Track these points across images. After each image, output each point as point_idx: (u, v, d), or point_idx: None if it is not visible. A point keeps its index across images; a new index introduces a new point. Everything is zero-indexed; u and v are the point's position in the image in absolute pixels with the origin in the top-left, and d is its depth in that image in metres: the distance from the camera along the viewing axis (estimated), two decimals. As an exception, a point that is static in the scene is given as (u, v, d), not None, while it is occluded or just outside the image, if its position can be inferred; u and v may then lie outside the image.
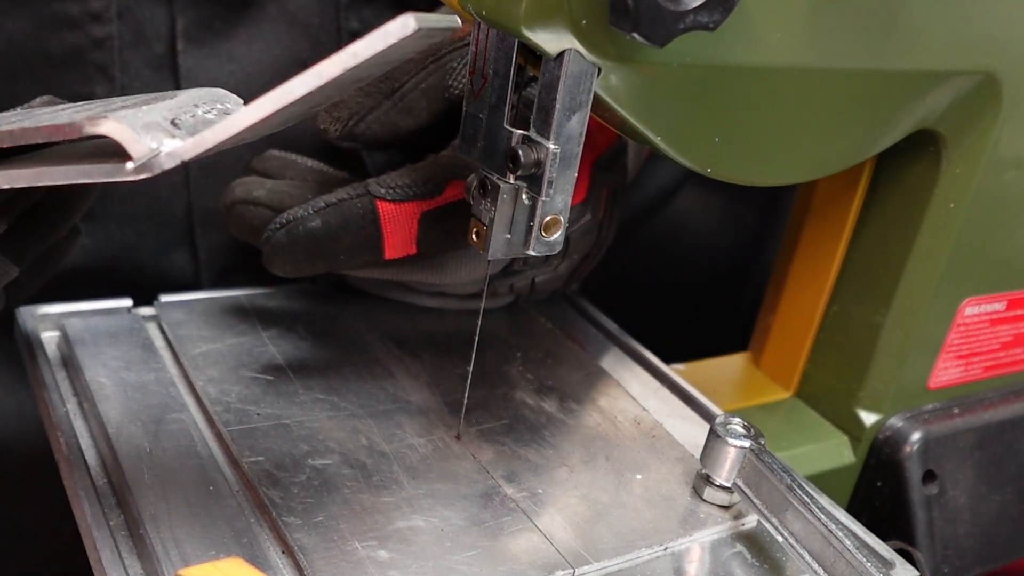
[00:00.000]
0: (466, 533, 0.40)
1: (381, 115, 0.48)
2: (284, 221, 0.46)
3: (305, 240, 0.45)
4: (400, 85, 0.48)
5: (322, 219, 0.45)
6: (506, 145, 0.38)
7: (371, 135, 0.48)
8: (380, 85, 0.48)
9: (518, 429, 0.47)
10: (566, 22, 0.34)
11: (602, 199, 0.52)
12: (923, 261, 0.53)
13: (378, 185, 0.46)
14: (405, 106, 0.48)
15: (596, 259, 0.56)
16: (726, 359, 0.64)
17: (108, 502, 0.40)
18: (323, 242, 0.45)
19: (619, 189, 0.54)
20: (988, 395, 0.60)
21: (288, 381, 0.47)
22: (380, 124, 0.48)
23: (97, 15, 0.52)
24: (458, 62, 0.48)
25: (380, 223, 0.45)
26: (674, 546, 0.41)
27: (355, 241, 0.46)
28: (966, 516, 0.56)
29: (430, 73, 0.48)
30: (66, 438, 0.43)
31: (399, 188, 0.46)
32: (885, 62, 0.42)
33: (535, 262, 0.52)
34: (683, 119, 0.38)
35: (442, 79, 0.48)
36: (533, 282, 0.55)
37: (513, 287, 0.55)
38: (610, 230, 0.55)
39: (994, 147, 0.50)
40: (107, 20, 0.52)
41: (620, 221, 0.56)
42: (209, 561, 0.34)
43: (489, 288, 0.53)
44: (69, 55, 0.52)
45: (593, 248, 0.55)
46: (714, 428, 0.43)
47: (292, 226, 0.45)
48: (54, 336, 0.50)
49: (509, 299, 0.57)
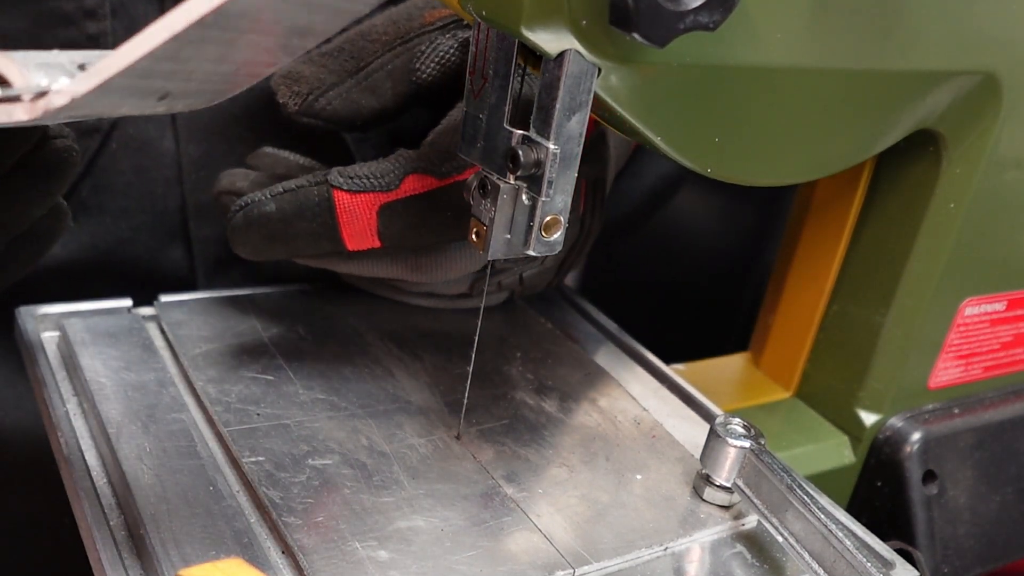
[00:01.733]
0: (466, 533, 0.40)
1: (343, 92, 0.47)
2: (242, 204, 0.46)
3: (260, 223, 0.46)
4: (365, 64, 0.48)
5: (277, 203, 0.46)
6: (506, 145, 0.38)
7: (331, 112, 0.48)
8: (345, 64, 0.48)
9: (518, 429, 0.47)
10: (566, 22, 0.34)
11: (581, 191, 0.52)
12: (923, 261, 0.53)
13: (338, 174, 0.45)
14: (369, 85, 0.48)
15: (584, 251, 0.56)
16: (726, 359, 0.64)
17: (108, 502, 0.40)
18: (278, 226, 0.46)
19: (600, 179, 0.53)
20: (988, 395, 0.60)
21: (288, 381, 0.47)
22: (341, 101, 0.48)
23: (91, 12, 0.53)
24: (427, 46, 0.48)
25: (335, 212, 0.45)
26: (674, 546, 0.41)
27: (311, 228, 0.46)
28: (966, 516, 0.56)
29: (397, 55, 0.48)
30: (66, 438, 0.43)
31: (357, 178, 0.45)
32: (885, 62, 0.42)
33: (517, 259, 0.52)
34: (683, 119, 0.38)
35: (409, 62, 0.48)
36: (521, 278, 0.55)
37: (501, 284, 0.55)
38: (595, 221, 0.54)
39: (994, 147, 0.50)
40: (101, 17, 0.53)
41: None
42: (209, 561, 0.34)
43: (477, 287, 0.53)
44: None
45: (579, 240, 0.54)
46: (714, 428, 0.43)
47: (248, 209, 0.46)
48: (54, 336, 0.50)
49: (503, 296, 0.57)
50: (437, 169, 0.46)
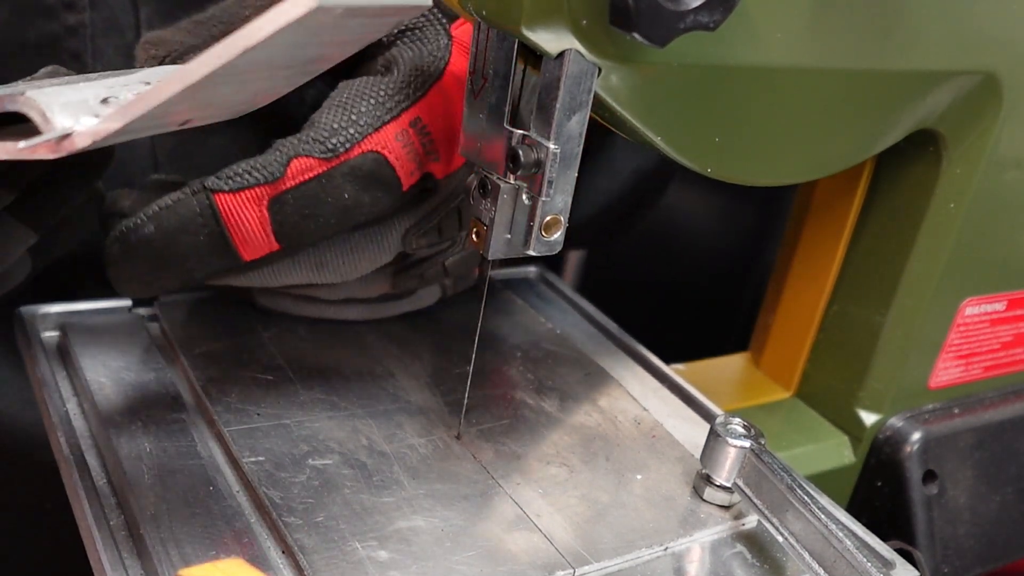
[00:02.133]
0: (466, 533, 0.40)
1: None
2: (117, 234, 0.42)
3: (142, 250, 0.42)
4: (231, 27, 0.44)
5: (156, 223, 0.42)
6: (506, 145, 0.38)
7: None
8: (213, 29, 0.45)
9: (518, 429, 0.47)
10: (566, 22, 0.34)
11: None
12: (923, 261, 0.53)
13: (215, 178, 0.42)
14: None
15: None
16: (726, 359, 0.64)
17: (108, 502, 0.40)
18: (162, 250, 0.42)
19: None
20: (988, 395, 0.60)
21: (288, 381, 0.47)
22: None
23: (71, 4, 0.53)
24: None
25: (222, 217, 0.42)
26: (674, 546, 0.41)
27: (199, 243, 0.42)
28: (966, 516, 0.56)
29: None
30: (66, 438, 0.43)
31: (236, 176, 0.42)
32: (885, 62, 0.42)
33: (428, 244, 0.48)
34: (683, 119, 0.38)
35: None
36: (444, 266, 0.50)
37: (424, 275, 0.50)
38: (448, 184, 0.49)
39: (994, 147, 0.50)
40: (80, 8, 0.53)
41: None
42: (209, 561, 0.34)
43: (397, 281, 0.50)
44: (44, 42, 0.53)
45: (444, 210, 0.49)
46: (714, 428, 0.43)
47: (125, 236, 0.42)
48: (54, 336, 0.50)
49: (436, 294, 0.54)
50: (323, 148, 0.42)
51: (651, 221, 0.81)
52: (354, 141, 0.42)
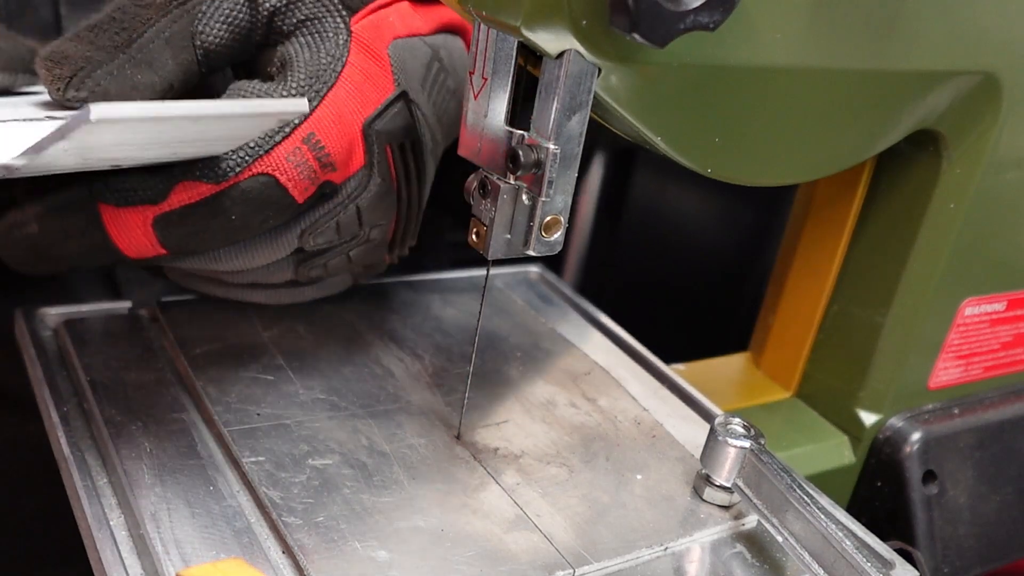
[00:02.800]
0: (466, 533, 0.40)
1: (114, 70, 0.41)
2: (3, 229, 0.43)
3: (26, 245, 0.43)
4: (138, 36, 0.42)
5: (41, 226, 0.42)
6: (506, 145, 0.38)
7: (102, 94, 0.41)
8: (115, 37, 0.42)
9: (518, 429, 0.47)
10: (566, 22, 0.34)
11: (387, 158, 0.47)
12: (923, 261, 0.53)
13: (104, 185, 0.41)
14: (144, 58, 0.42)
15: (416, 220, 0.51)
16: (726, 359, 0.64)
17: (108, 502, 0.40)
18: (46, 249, 0.43)
19: (409, 143, 0.48)
20: (988, 395, 0.60)
21: (288, 381, 0.47)
22: (114, 81, 0.41)
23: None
24: (208, 5, 0.43)
25: (104, 227, 0.42)
26: (674, 546, 0.41)
27: (83, 245, 0.42)
28: (966, 516, 0.56)
29: (174, 20, 0.43)
30: (66, 438, 0.43)
31: (122, 192, 0.41)
32: (885, 62, 0.42)
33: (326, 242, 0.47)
34: (683, 119, 0.38)
35: (189, 25, 0.43)
36: (349, 257, 0.49)
37: (328, 266, 0.49)
38: (415, 188, 0.49)
39: (994, 147, 0.50)
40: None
41: None
42: (209, 561, 0.34)
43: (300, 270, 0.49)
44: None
45: (406, 209, 0.49)
46: (714, 428, 0.43)
47: (12, 233, 0.42)
48: (54, 336, 0.50)
49: (346, 282, 0.53)
50: (212, 173, 0.41)
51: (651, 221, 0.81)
52: (243, 164, 0.41)
